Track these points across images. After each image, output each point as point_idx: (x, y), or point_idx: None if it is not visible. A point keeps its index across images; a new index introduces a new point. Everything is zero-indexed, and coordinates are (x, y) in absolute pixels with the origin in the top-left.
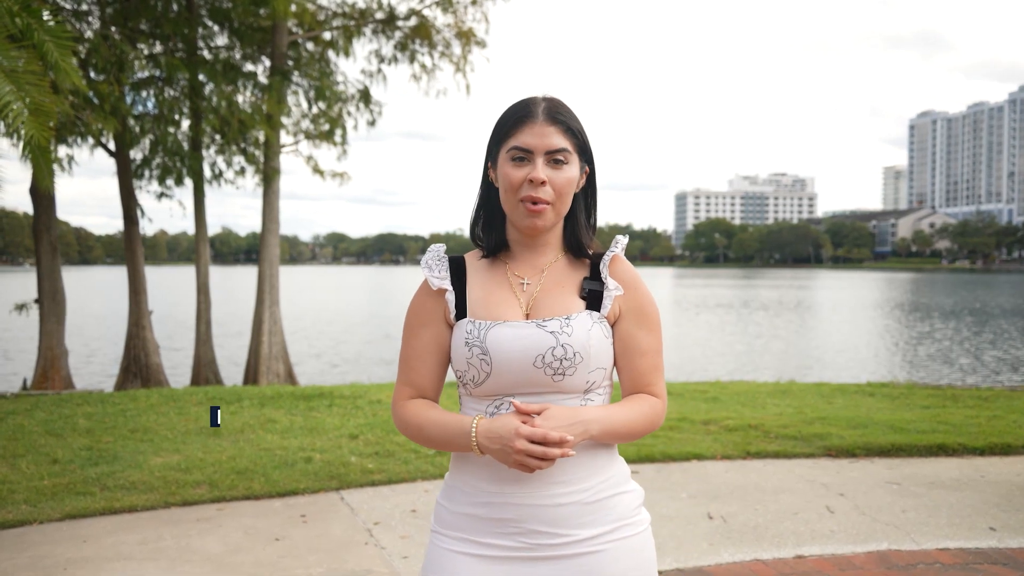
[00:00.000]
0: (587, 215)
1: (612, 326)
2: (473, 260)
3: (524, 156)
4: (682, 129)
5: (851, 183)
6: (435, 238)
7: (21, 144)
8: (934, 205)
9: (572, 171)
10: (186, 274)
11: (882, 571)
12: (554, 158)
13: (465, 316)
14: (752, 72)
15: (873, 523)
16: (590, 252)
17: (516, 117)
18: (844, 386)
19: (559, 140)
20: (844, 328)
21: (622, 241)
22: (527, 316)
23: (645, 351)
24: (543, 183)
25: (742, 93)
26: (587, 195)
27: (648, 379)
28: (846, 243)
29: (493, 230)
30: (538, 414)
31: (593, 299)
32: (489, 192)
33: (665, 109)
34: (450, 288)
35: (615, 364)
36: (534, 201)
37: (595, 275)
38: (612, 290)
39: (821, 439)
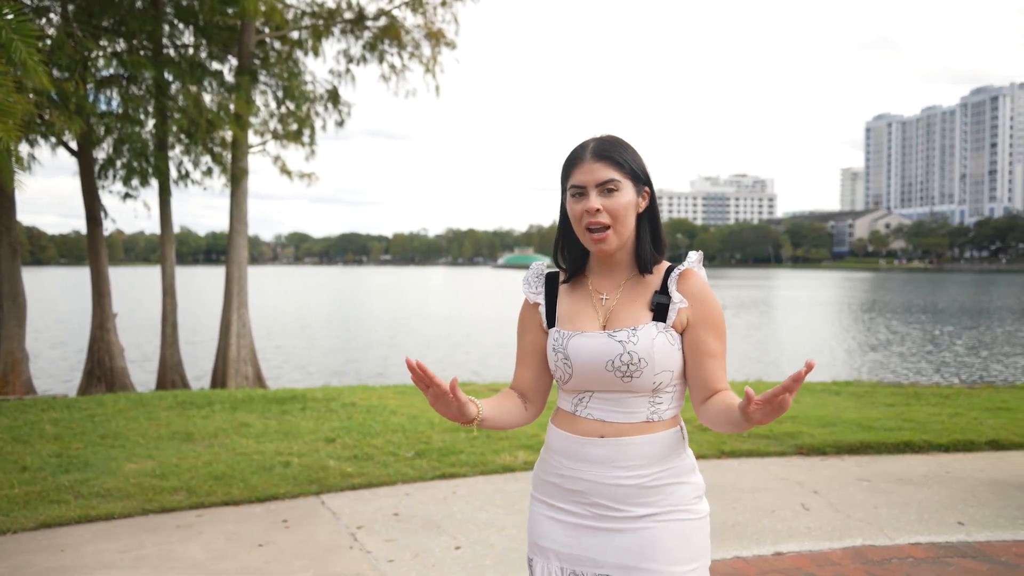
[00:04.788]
0: (651, 235)
1: (681, 334)
2: (564, 278)
3: (581, 192)
4: (644, 130)
5: (810, 184)
6: (399, 238)
7: None
8: (889, 206)
9: (624, 196)
10: (144, 275)
11: (858, 566)
12: (605, 188)
13: (554, 326)
14: (714, 74)
15: (847, 520)
16: (654, 268)
17: (571, 160)
18: (810, 385)
19: (606, 172)
20: (803, 326)
21: (692, 256)
22: (604, 327)
23: (715, 354)
24: (598, 210)
25: (704, 95)
26: (650, 215)
27: (720, 376)
28: (805, 243)
29: (571, 257)
30: None
31: (660, 311)
32: (566, 223)
33: (627, 110)
34: (542, 302)
35: (684, 367)
36: (592, 228)
37: (665, 289)
38: (677, 303)
39: (792, 438)
